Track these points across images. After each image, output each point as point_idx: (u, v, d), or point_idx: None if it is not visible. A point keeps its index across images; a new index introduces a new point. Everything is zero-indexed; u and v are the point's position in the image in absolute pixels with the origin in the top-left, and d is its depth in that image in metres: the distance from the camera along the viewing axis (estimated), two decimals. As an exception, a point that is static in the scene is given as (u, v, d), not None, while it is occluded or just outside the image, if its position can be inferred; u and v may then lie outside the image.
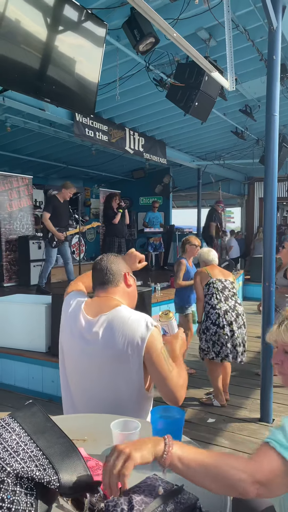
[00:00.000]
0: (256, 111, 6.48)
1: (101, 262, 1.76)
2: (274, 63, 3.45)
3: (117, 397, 1.56)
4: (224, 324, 3.66)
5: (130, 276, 1.79)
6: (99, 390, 1.58)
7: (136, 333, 1.54)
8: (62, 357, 1.72)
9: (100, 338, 1.56)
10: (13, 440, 0.92)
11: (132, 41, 3.71)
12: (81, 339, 1.61)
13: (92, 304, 1.70)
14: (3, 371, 4.40)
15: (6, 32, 3.27)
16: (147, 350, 1.53)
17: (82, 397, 1.62)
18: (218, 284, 3.82)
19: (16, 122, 6.62)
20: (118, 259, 1.79)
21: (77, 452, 0.95)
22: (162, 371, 1.53)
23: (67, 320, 1.71)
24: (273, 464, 0.96)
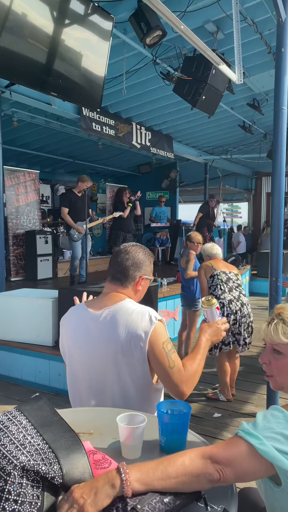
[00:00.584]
0: (264, 105, 6.43)
1: (124, 256, 1.68)
2: (282, 56, 3.40)
3: (124, 390, 1.56)
4: (228, 313, 3.68)
5: (145, 280, 1.72)
6: (106, 383, 1.58)
7: (139, 326, 1.53)
8: (63, 351, 1.72)
9: (104, 331, 1.56)
10: (19, 433, 0.92)
11: (139, 34, 3.69)
12: (85, 333, 1.61)
13: (96, 300, 1.70)
14: (11, 364, 4.43)
15: (12, 26, 3.27)
16: (151, 344, 1.53)
17: (89, 391, 1.62)
18: (222, 275, 3.83)
19: (23, 117, 6.63)
20: (143, 259, 1.71)
21: (82, 448, 0.95)
22: (163, 366, 1.52)
23: (70, 320, 1.70)
24: (236, 448, 1.00)
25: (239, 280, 3.92)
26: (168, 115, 6.98)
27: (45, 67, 3.52)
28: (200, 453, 0.99)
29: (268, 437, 1.00)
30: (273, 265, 3.53)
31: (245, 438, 1.00)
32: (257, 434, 1.00)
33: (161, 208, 10.26)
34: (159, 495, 0.90)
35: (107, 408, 1.50)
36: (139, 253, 1.71)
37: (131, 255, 1.69)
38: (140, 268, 1.69)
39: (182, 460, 0.97)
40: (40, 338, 4.29)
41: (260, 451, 0.97)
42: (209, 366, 4.72)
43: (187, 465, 0.96)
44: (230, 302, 3.71)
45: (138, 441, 1.17)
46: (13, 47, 3.31)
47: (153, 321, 1.54)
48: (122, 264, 1.68)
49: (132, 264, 1.68)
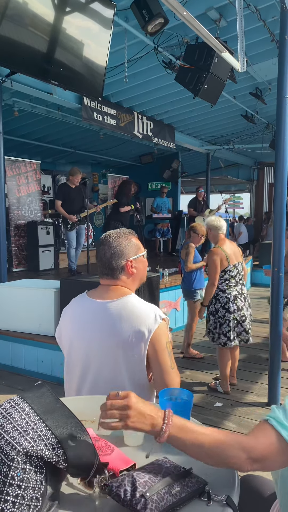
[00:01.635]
0: (266, 94, 6.37)
1: (102, 250, 1.64)
2: (286, 43, 3.36)
3: (119, 383, 1.55)
4: (234, 309, 3.67)
5: (136, 260, 1.67)
6: (100, 376, 1.57)
7: (143, 324, 1.52)
8: (60, 341, 1.71)
9: (107, 324, 1.55)
10: (22, 420, 0.93)
11: (140, 21, 3.64)
12: (87, 323, 1.60)
13: (97, 291, 1.67)
14: (13, 354, 4.46)
15: (13, 14, 3.23)
16: (153, 343, 1.52)
17: (83, 381, 1.61)
18: (234, 271, 3.75)
19: (24, 107, 6.59)
20: (120, 244, 1.63)
21: (86, 433, 0.96)
22: (164, 365, 1.53)
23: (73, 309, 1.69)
24: (269, 441, 0.97)
25: (243, 269, 3.90)
26: (170, 104, 6.92)
27: (46, 56, 3.49)
28: (241, 445, 0.97)
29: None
30: (275, 255, 3.53)
31: (277, 429, 0.98)
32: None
33: (162, 199, 10.23)
34: (167, 486, 0.91)
35: (110, 396, 1.51)
36: (113, 240, 1.64)
37: (107, 246, 1.63)
38: (122, 254, 1.63)
39: (222, 440, 0.98)
40: (42, 328, 4.31)
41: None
42: (211, 354, 4.74)
43: (223, 448, 0.97)
44: (235, 298, 3.70)
45: (140, 428, 1.17)
46: (13, 35, 3.28)
47: (158, 320, 1.55)
48: (104, 258, 1.63)
49: (111, 255, 1.62)
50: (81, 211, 6.67)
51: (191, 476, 0.97)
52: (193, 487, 0.94)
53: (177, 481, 0.93)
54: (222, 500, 0.93)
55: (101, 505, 0.94)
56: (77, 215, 6.58)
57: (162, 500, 0.87)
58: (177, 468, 0.99)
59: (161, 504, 0.87)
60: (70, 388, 1.67)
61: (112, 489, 0.90)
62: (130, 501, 0.87)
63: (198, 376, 4.26)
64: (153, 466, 0.97)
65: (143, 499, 0.86)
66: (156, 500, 0.87)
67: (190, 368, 4.49)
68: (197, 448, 0.98)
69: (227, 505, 0.92)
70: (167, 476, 0.94)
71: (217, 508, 0.92)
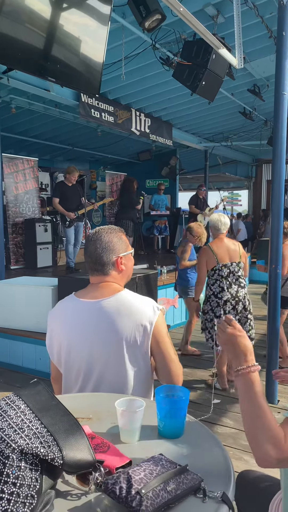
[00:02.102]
0: (264, 91, 6.35)
1: (92, 246, 1.63)
2: (284, 40, 3.36)
3: (122, 381, 1.55)
4: (220, 314, 3.66)
5: (125, 257, 1.67)
6: (105, 374, 1.56)
7: (144, 317, 1.53)
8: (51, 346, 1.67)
9: (105, 322, 1.54)
10: (18, 417, 0.93)
11: (137, 18, 3.62)
12: (83, 324, 1.58)
13: (87, 291, 1.65)
14: (11, 352, 4.46)
15: (10, 10, 3.21)
16: (155, 334, 1.54)
17: (87, 382, 1.59)
18: (224, 271, 3.71)
19: (21, 104, 6.56)
20: (110, 240, 1.63)
21: (81, 430, 0.96)
22: (167, 354, 1.56)
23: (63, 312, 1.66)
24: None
25: (241, 270, 3.79)
26: (168, 101, 6.90)
27: (42, 52, 3.47)
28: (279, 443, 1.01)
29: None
30: (273, 252, 3.53)
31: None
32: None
33: (160, 196, 10.22)
34: (163, 483, 0.91)
35: (106, 394, 1.51)
36: (105, 236, 1.64)
37: (97, 242, 1.63)
38: (112, 250, 1.63)
39: (268, 427, 1.04)
40: (40, 326, 4.30)
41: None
42: (208, 352, 4.75)
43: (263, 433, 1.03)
44: (225, 303, 3.68)
45: (136, 425, 1.17)
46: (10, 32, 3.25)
47: (156, 311, 1.56)
48: (94, 254, 1.62)
49: (102, 250, 1.62)
50: (79, 208, 6.72)
51: (186, 473, 0.97)
52: (188, 484, 0.94)
53: (172, 478, 0.93)
54: (217, 496, 0.93)
55: (97, 502, 0.94)
56: (75, 212, 6.64)
57: (157, 497, 0.87)
58: (172, 465, 0.99)
59: (157, 501, 0.87)
60: (70, 390, 1.64)
61: (108, 486, 0.90)
62: (126, 498, 0.87)
63: (196, 373, 4.27)
64: (148, 463, 0.97)
65: (138, 496, 0.86)
66: (151, 497, 0.87)
67: (188, 365, 4.49)
68: (254, 407, 1.06)
69: (223, 502, 0.92)
70: (162, 473, 0.94)
71: (212, 504, 0.92)
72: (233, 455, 2.80)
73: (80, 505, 0.93)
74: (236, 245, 3.85)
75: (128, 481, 0.89)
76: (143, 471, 0.93)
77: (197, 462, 1.06)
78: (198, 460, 1.08)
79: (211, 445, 1.17)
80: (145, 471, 0.93)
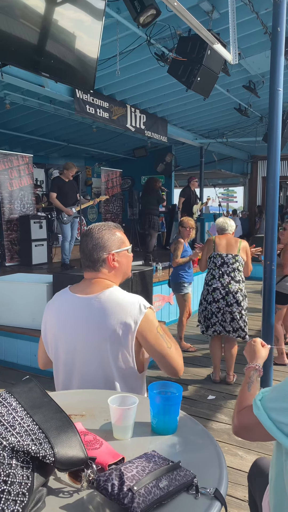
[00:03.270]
0: (260, 87, 6.34)
1: (84, 241, 1.64)
2: (278, 36, 3.34)
3: (107, 377, 1.55)
4: (211, 301, 3.80)
5: (119, 253, 1.65)
6: (90, 369, 1.56)
7: (129, 316, 1.52)
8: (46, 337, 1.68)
9: (92, 318, 1.54)
10: (9, 415, 0.92)
11: (132, 13, 3.60)
12: (72, 318, 1.58)
13: (80, 286, 1.65)
14: (6, 349, 4.44)
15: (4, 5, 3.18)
16: (141, 333, 1.52)
17: (72, 376, 1.60)
18: (218, 259, 3.85)
19: (16, 99, 6.52)
20: (102, 236, 1.62)
21: (73, 427, 0.95)
22: (161, 350, 1.55)
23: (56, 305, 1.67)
24: (250, 417, 1.19)
25: (238, 262, 3.85)
26: (163, 97, 6.88)
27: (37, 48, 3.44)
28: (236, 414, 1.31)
29: (271, 409, 1.14)
30: (268, 248, 3.53)
31: (254, 412, 1.18)
32: (259, 405, 1.17)
33: None
34: (155, 480, 0.91)
35: (99, 390, 1.50)
36: (96, 232, 1.63)
37: (89, 237, 1.62)
38: (104, 246, 1.61)
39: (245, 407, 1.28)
40: (35, 323, 4.29)
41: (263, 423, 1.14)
42: (205, 349, 4.76)
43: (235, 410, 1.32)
44: (214, 290, 3.80)
45: (129, 422, 1.17)
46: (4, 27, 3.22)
47: (143, 310, 1.54)
48: (85, 250, 1.63)
49: (92, 247, 1.61)
50: (75, 204, 6.74)
51: (179, 470, 0.96)
52: (181, 480, 0.94)
53: (165, 475, 0.93)
54: (210, 493, 0.93)
55: (89, 499, 0.94)
56: (72, 208, 6.66)
57: (149, 494, 0.87)
58: (165, 461, 0.98)
59: (149, 497, 0.87)
60: (58, 383, 1.67)
61: (100, 483, 0.89)
62: (118, 495, 0.86)
63: (191, 370, 4.28)
64: (141, 460, 0.97)
65: (130, 493, 0.85)
66: (143, 494, 0.86)
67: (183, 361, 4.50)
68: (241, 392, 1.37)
69: (215, 498, 0.92)
70: (155, 470, 0.93)
71: (205, 501, 0.92)
72: (227, 450, 2.81)
73: (72, 503, 0.92)
74: (237, 242, 3.98)
75: (120, 478, 0.88)
76: (135, 468, 0.92)
77: (190, 459, 1.06)
78: (191, 457, 1.08)
79: (204, 442, 1.17)
80: (138, 468, 0.92)
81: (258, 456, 2.58)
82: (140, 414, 1.22)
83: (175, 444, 1.15)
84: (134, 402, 1.18)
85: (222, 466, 1.05)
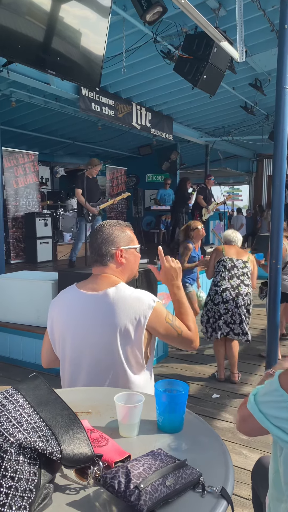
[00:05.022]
0: (266, 85, 6.32)
1: (94, 236, 1.67)
2: (286, 33, 3.32)
3: (116, 373, 1.56)
4: (219, 302, 3.76)
5: (127, 250, 1.68)
6: (98, 366, 1.57)
7: (138, 311, 1.53)
8: (53, 335, 1.69)
9: (100, 314, 1.55)
10: (16, 411, 0.92)
11: (139, 10, 3.59)
12: (80, 315, 1.59)
13: (87, 282, 1.66)
14: (12, 346, 4.46)
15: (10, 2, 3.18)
16: (151, 325, 1.55)
17: (80, 373, 1.60)
18: (228, 262, 3.88)
19: (21, 97, 6.53)
20: (112, 232, 1.66)
21: (80, 424, 0.95)
22: (174, 337, 1.62)
23: (63, 302, 1.67)
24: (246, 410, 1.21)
25: (247, 268, 3.89)
26: (169, 95, 6.86)
27: (42, 45, 3.44)
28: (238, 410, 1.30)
29: (261, 402, 1.16)
30: (273, 247, 3.52)
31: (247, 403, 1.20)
32: (253, 401, 1.18)
33: (166, 190, 10.18)
34: (162, 477, 0.91)
35: (105, 388, 1.51)
36: (107, 228, 1.67)
37: (100, 233, 1.66)
38: (112, 241, 1.65)
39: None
40: (40, 320, 4.31)
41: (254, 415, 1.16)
42: (209, 347, 4.75)
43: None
44: (224, 290, 3.77)
45: (135, 420, 1.17)
46: (10, 24, 3.23)
47: (152, 304, 1.56)
48: (95, 244, 1.66)
49: (102, 241, 1.65)
50: (99, 202, 6.63)
51: (185, 468, 0.96)
52: (187, 478, 0.94)
53: (171, 473, 0.93)
54: (216, 491, 0.93)
55: (95, 496, 0.94)
56: (97, 207, 6.52)
57: (156, 492, 0.87)
58: (171, 459, 0.98)
59: (155, 495, 0.87)
60: (64, 380, 1.67)
61: (106, 481, 0.89)
62: (124, 493, 0.86)
63: (196, 368, 4.28)
64: (147, 458, 0.97)
65: (137, 490, 0.86)
66: (150, 492, 0.86)
67: (187, 360, 4.50)
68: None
69: (222, 497, 0.92)
70: (161, 468, 0.93)
71: (211, 499, 0.91)
72: (232, 449, 2.81)
73: (79, 499, 0.93)
74: (246, 252, 4.06)
75: (127, 475, 0.88)
76: (142, 466, 0.92)
77: (196, 457, 1.06)
78: (197, 455, 1.08)
79: (210, 440, 1.17)
80: (144, 466, 0.92)
81: (262, 455, 2.58)
82: (146, 412, 1.22)
83: (181, 443, 1.15)
84: (140, 400, 1.18)
85: (228, 465, 1.05)
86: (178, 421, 1.21)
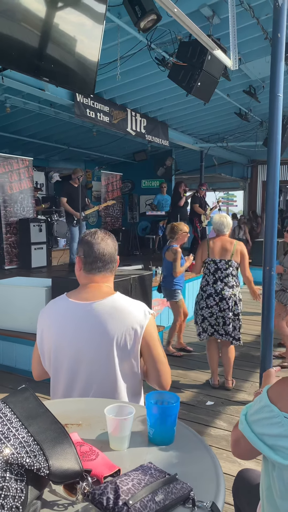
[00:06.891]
0: (260, 92, 6.35)
1: (102, 245, 1.64)
2: (279, 41, 3.35)
3: (112, 383, 1.55)
4: (204, 306, 3.83)
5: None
6: (95, 376, 1.55)
7: (135, 321, 1.55)
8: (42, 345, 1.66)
9: (97, 324, 1.54)
10: (4, 426, 0.91)
11: (133, 18, 3.61)
12: (74, 325, 1.56)
13: (79, 291, 1.64)
14: (4, 353, 4.42)
15: (5, 9, 3.18)
16: (145, 338, 1.56)
17: (74, 383, 1.58)
18: (211, 265, 3.86)
19: (16, 103, 6.52)
20: (112, 241, 1.70)
21: (69, 439, 0.94)
22: (157, 356, 1.59)
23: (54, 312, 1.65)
24: (238, 432, 1.22)
25: (231, 267, 3.81)
26: (164, 101, 6.88)
27: (37, 52, 3.44)
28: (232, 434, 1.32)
29: (253, 422, 1.16)
30: (267, 254, 3.52)
31: (240, 428, 1.19)
32: (245, 421, 1.18)
33: (163, 196, 10.16)
34: (151, 493, 0.89)
35: (96, 399, 1.49)
36: (111, 238, 1.72)
37: (104, 242, 1.67)
38: (116, 250, 1.72)
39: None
40: (33, 327, 4.25)
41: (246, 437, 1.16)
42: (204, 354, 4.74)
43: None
44: (208, 296, 3.82)
45: (126, 432, 1.16)
46: (5, 30, 3.22)
47: (147, 315, 1.59)
48: (104, 252, 1.65)
49: (111, 250, 1.68)
50: (85, 208, 7.21)
51: (176, 482, 0.95)
52: (177, 493, 0.92)
53: (161, 488, 0.92)
54: (207, 507, 0.92)
55: (84, 513, 0.92)
56: (82, 212, 7.01)
57: (145, 508, 0.86)
58: (161, 474, 0.97)
59: (144, 512, 0.85)
60: (57, 392, 1.64)
61: (95, 497, 0.88)
62: (113, 509, 0.85)
63: (190, 375, 4.26)
64: (137, 472, 0.96)
65: (125, 507, 0.84)
66: (139, 508, 0.85)
67: (182, 366, 4.48)
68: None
69: (212, 512, 0.91)
70: (151, 483, 0.92)
71: (202, 515, 0.90)
72: (226, 457, 2.79)
73: (67, 516, 0.91)
74: (232, 245, 3.87)
75: (116, 491, 0.87)
76: (131, 481, 0.91)
77: (186, 471, 1.05)
78: (188, 468, 1.07)
79: (201, 453, 1.16)
80: (133, 481, 0.91)
81: (256, 463, 2.56)
82: (137, 424, 1.21)
83: (172, 455, 1.14)
84: (131, 412, 1.16)
85: (220, 478, 1.04)
86: (169, 433, 1.19)
